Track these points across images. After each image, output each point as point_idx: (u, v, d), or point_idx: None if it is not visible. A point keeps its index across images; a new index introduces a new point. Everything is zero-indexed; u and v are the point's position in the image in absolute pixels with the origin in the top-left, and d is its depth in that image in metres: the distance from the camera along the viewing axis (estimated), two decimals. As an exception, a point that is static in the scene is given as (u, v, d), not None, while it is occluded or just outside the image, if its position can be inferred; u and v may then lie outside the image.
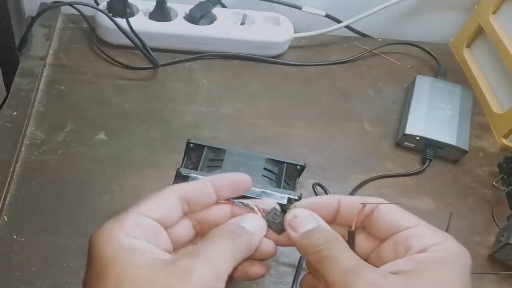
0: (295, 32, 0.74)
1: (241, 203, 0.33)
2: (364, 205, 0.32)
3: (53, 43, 0.70)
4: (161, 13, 0.70)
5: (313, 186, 0.56)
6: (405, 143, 0.63)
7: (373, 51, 0.77)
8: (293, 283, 0.48)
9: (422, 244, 0.30)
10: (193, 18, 0.70)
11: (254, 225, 0.32)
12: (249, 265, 0.33)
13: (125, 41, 0.67)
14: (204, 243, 0.30)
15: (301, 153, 0.61)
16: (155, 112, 0.63)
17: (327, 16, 0.76)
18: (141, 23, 0.68)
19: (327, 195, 0.55)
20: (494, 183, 0.61)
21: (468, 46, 0.79)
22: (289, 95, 0.69)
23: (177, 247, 0.33)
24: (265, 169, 0.43)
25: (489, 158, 0.65)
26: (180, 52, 0.71)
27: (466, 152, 0.62)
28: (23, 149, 0.56)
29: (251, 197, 0.35)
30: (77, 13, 0.69)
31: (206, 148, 0.44)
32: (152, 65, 0.68)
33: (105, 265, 0.27)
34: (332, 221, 0.33)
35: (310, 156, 0.60)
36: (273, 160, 0.44)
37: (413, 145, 0.63)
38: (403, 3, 0.78)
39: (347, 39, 0.80)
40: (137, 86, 0.66)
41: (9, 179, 0.52)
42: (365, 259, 0.32)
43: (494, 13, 0.72)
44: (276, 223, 0.33)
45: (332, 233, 0.31)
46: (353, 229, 0.33)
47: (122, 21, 0.66)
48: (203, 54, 0.72)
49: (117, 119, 0.61)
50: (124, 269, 0.27)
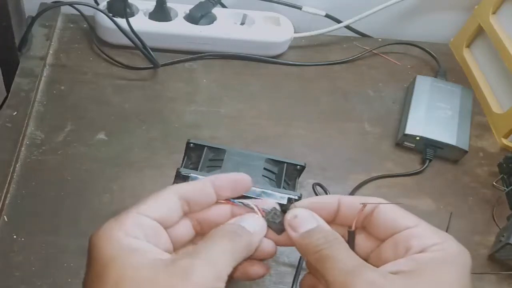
0: (295, 32, 0.74)
1: (241, 203, 0.33)
2: (364, 205, 0.32)
3: (53, 43, 0.70)
4: (161, 13, 0.70)
5: (313, 186, 0.56)
6: (405, 143, 0.63)
7: (373, 51, 0.77)
8: (293, 283, 0.48)
9: (422, 244, 0.30)
10: (193, 18, 0.70)
11: (254, 225, 0.32)
12: (249, 265, 0.33)
13: (125, 41, 0.67)
14: (204, 243, 0.30)
15: (301, 153, 0.61)
16: (155, 112, 0.63)
17: (327, 16, 0.76)
18: (141, 23, 0.68)
19: (327, 195, 0.55)
20: (494, 183, 0.61)
21: (468, 46, 0.79)
22: (289, 95, 0.69)
23: (177, 247, 0.33)
24: (265, 169, 0.43)
25: (489, 158, 0.65)
26: (180, 52, 0.71)
27: (466, 152, 0.62)
28: (23, 149, 0.56)
29: (251, 197, 0.35)
30: (77, 13, 0.69)
31: (206, 148, 0.44)
32: (152, 65, 0.68)
33: (105, 265, 0.27)
34: (332, 221, 0.33)
35: (310, 156, 0.60)
36: (273, 160, 0.44)
37: (413, 145, 0.63)
38: (403, 3, 0.78)
39: (347, 39, 0.80)
40: (137, 86, 0.66)
41: (9, 179, 0.52)
42: (365, 259, 0.32)
43: (494, 13, 0.72)
44: (276, 223, 0.33)
45: (332, 233, 0.31)
46: (353, 229, 0.33)
47: (122, 21, 0.66)
48: (203, 54, 0.72)
49: (117, 119, 0.61)
50: (124, 269, 0.27)
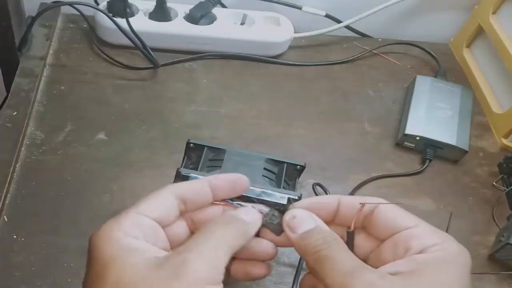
0: (295, 32, 0.74)
1: (239, 205, 0.34)
2: (362, 205, 0.32)
3: (53, 43, 0.70)
4: (161, 13, 0.70)
5: (313, 186, 0.56)
6: (405, 143, 0.63)
7: (373, 51, 0.77)
8: (293, 283, 0.48)
9: (422, 244, 0.30)
10: (193, 18, 0.70)
11: (248, 215, 0.32)
12: (251, 265, 0.33)
13: (125, 41, 0.67)
14: (196, 237, 0.30)
15: (301, 153, 0.61)
16: (155, 112, 0.63)
17: (327, 16, 0.76)
18: (141, 23, 0.68)
19: (326, 195, 0.55)
20: (494, 183, 0.61)
21: (468, 46, 0.79)
22: (289, 95, 0.69)
23: (173, 246, 0.33)
24: (265, 169, 0.43)
25: (489, 158, 0.65)
26: (180, 52, 0.71)
27: (466, 152, 0.62)
28: (23, 149, 0.56)
29: (251, 197, 0.35)
30: (77, 13, 0.69)
31: (206, 148, 0.44)
32: (152, 65, 0.68)
33: (105, 265, 0.28)
34: (331, 221, 0.33)
35: (310, 156, 0.60)
36: (273, 160, 0.44)
37: (413, 145, 0.63)
38: (403, 3, 0.78)
39: (347, 39, 0.80)
40: (137, 86, 0.66)
41: (9, 179, 0.52)
42: (365, 259, 0.33)
43: (494, 13, 0.72)
44: (274, 224, 0.33)
45: (331, 233, 0.31)
46: (351, 229, 0.33)
47: (122, 21, 0.66)
48: (203, 54, 0.72)
49: (117, 119, 0.61)
50: (124, 269, 0.27)
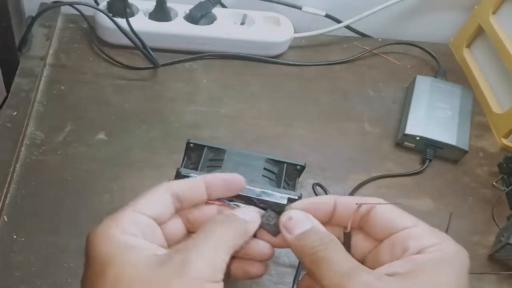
0: (295, 32, 0.74)
1: (236, 205, 0.34)
2: (359, 205, 0.32)
3: (53, 43, 0.70)
4: (161, 13, 0.70)
5: (313, 186, 0.56)
6: (405, 143, 0.63)
7: (373, 51, 0.77)
8: (293, 283, 0.48)
9: (419, 244, 0.29)
10: (193, 18, 0.70)
11: (246, 214, 0.32)
12: (249, 265, 0.33)
13: (125, 41, 0.67)
14: (197, 236, 0.30)
15: (301, 153, 0.61)
16: (155, 112, 0.63)
17: (327, 16, 0.76)
18: (141, 23, 0.68)
19: (322, 195, 0.55)
20: (494, 183, 0.61)
21: (468, 46, 0.79)
22: (289, 95, 0.69)
23: (171, 243, 0.33)
24: (265, 169, 0.43)
25: (489, 158, 0.65)
26: (180, 52, 0.71)
27: (466, 152, 0.62)
28: (23, 149, 0.56)
29: (251, 197, 0.35)
30: (77, 13, 0.69)
31: (206, 148, 0.44)
32: (152, 65, 0.68)
33: (104, 264, 0.28)
34: (328, 222, 0.33)
35: (310, 156, 0.61)
36: (273, 160, 0.44)
37: (413, 145, 0.63)
38: (403, 3, 0.78)
39: (347, 39, 0.80)
40: (137, 86, 0.66)
41: (9, 179, 0.52)
42: (363, 260, 0.32)
43: (494, 13, 0.72)
44: (271, 225, 0.33)
45: (327, 235, 0.31)
46: (348, 230, 0.33)
47: (122, 21, 0.66)
48: (203, 54, 0.72)
49: (117, 119, 0.61)
50: (122, 267, 0.27)
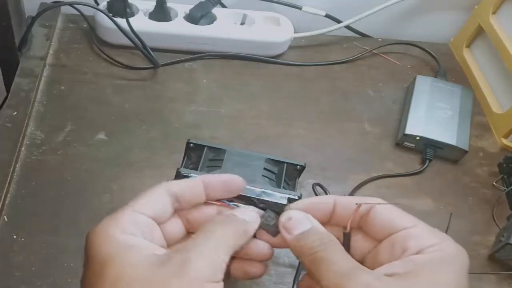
0: (295, 32, 0.74)
1: (235, 205, 0.34)
2: (358, 205, 0.32)
3: (53, 43, 0.70)
4: (161, 13, 0.70)
5: (313, 186, 0.56)
6: (405, 143, 0.63)
7: (373, 51, 0.77)
8: (293, 283, 0.48)
9: (419, 245, 0.29)
10: (193, 18, 0.70)
11: (246, 214, 0.32)
12: (249, 265, 0.33)
13: (125, 41, 0.67)
14: (197, 236, 0.30)
15: (301, 153, 0.61)
16: (155, 112, 0.63)
17: (327, 16, 0.76)
18: (141, 23, 0.68)
19: (322, 196, 0.55)
20: (494, 183, 0.61)
21: (468, 46, 0.79)
22: (289, 95, 0.69)
23: (169, 243, 0.33)
24: (265, 169, 0.43)
25: (489, 158, 0.65)
26: (180, 52, 0.71)
27: (466, 152, 0.62)
28: (23, 149, 0.56)
29: (251, 197, 0.35)
30: (77, 13, 0.69)
31: (206, 148, 0.44)
32: (152, 65, 0.68)
33: (103, 264, 0.28)
34: (327, 222, 0.33)
35: (310, 156, 0.60)
36: (273, 160, 0.44)
37: (413, 145, 0.63)
38: (403, 3, 0.78)
39: (347, 39, 0.80)
40: (137, 86, 0.66)
41: (9, 179, 0.52)
42: (362, 260, 0.32)
43: (494, 13, 0.72)
44: (270, 225, 0.33)
45: (327, 235, 0.31)
46: (348, 230, 0.33)
47: (122, 21, 0.66)
48: (203, 54, 0.72)
49: (117, 119, 0.61)
50: (122, 267, 0.27)
